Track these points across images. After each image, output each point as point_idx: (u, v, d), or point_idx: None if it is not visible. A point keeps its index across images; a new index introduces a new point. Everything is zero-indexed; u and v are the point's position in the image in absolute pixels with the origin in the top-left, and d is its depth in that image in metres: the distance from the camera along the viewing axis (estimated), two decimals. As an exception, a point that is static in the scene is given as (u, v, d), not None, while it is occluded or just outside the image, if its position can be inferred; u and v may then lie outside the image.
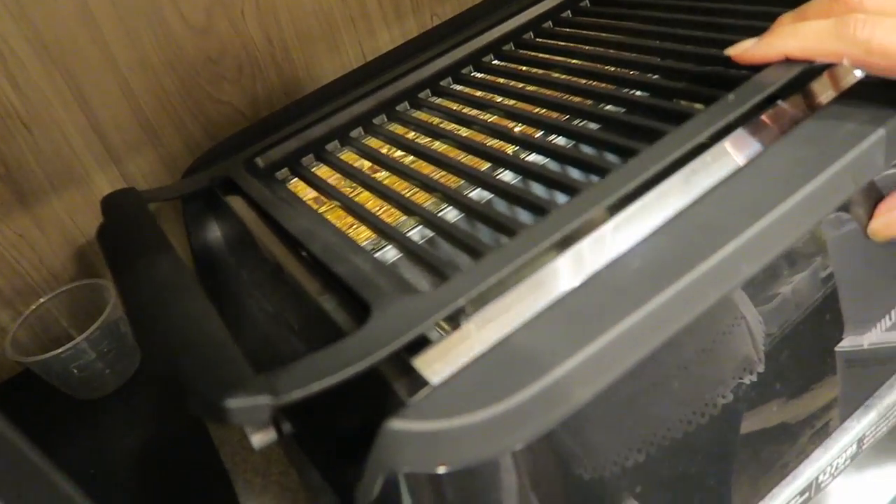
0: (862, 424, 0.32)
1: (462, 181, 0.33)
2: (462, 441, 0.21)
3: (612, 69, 0.37)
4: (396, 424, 0.21)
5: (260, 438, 0.30)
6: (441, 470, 0.21)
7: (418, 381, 0.23)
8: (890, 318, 0.30)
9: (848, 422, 0.32)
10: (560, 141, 0.33)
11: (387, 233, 0.30)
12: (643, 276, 0.23)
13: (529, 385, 0.21)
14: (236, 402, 0.20)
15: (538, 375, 0.21)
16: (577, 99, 0.35)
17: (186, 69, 0.49)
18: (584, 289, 0.24)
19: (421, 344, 0.24)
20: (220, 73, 0.51)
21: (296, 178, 0.38)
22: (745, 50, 0.29)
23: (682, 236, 0.24)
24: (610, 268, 0.24)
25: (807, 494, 0.32)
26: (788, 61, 0.28)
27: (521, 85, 0.39)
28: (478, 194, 0.32)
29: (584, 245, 0.25)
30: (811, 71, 0.29)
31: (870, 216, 0.28)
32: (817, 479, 0.32)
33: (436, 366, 0.23)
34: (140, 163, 0.49)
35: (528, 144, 0.33)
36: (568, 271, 0.24)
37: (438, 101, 0.41)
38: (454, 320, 0.24)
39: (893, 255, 0.31)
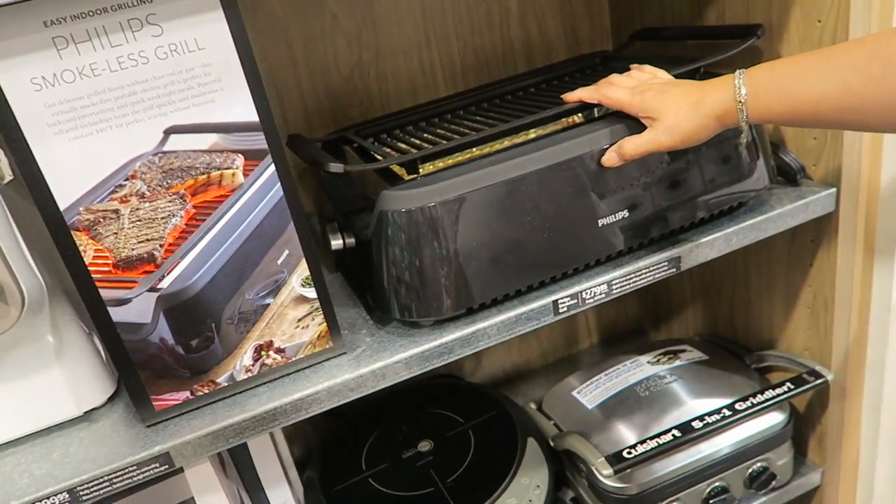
0: (611, 275, 0.68)
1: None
2: (407, 199, 0.60)
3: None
4: (388, 192, 0.61)
5: (335, 243, 0.70)
6: (398, 209, 0.60)
7: (397, 182, 0.63)
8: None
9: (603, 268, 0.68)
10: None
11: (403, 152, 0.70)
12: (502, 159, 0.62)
13: (440, 182, 0.60)
14: (332, 166, 0.60)
15: (445, 180, 0.60)
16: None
17: (335, 98, 0.93)
18: (482, 159, 0.63)
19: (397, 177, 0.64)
20: (352, 102, 0.94)
21: (373, 140, 0.80)
22: (566, 96, 0.69)
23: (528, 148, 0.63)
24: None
25: (576, 300, 0.67)
26: (583, 102, 0.67)
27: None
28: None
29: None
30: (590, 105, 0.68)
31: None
32: (581, 294, 0.67)
33: (405, 180, 0.63)
34: (300, 141, 0.93)
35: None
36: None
37: (451, 117, 0.82)
38: (413, 165, 0.63)
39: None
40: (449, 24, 0.95)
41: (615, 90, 0.65)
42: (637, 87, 0.64)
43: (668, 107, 0.61)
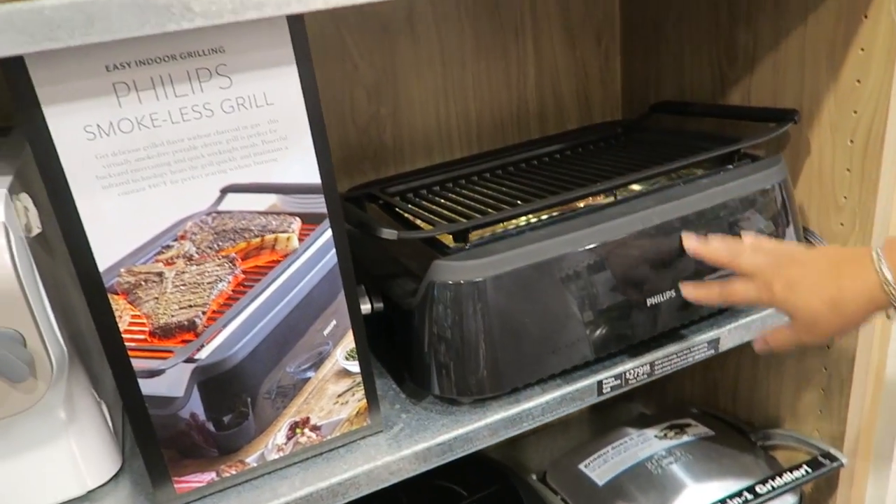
0: (654, 356, 0.66)
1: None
2: (461, 271, 0.57)
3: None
4: (440, 262, 0.57)
5: (363, 308, 0.65)
6: (451, 281, 0.57)
7: (446, 251, 0.59)
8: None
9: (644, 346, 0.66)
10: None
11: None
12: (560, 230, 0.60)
13: (494, 255, 0.57)
14: (386, 232, 0.56)
15: (499, 252, 0.57)
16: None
17: (349, 150, 0.90)
18: (530, 231, 0.60)
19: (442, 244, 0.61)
20: (366, 156, 0.91)
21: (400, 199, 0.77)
22: (697, 251, 0.64)
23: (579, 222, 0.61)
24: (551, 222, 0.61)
25: (619, 381, 0.65)
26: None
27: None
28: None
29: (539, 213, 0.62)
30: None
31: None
32: (625, 374, 0.65)
33: (451, 248, 0.59)
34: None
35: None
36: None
37: (478, 179, 0.80)
38: (464, 235, 0.60)
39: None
40: (468, 79, 0.93)
41: (740, 289, 0.60)
42: (762, 275, 0.59)
43: (801, 306, 0.57)
